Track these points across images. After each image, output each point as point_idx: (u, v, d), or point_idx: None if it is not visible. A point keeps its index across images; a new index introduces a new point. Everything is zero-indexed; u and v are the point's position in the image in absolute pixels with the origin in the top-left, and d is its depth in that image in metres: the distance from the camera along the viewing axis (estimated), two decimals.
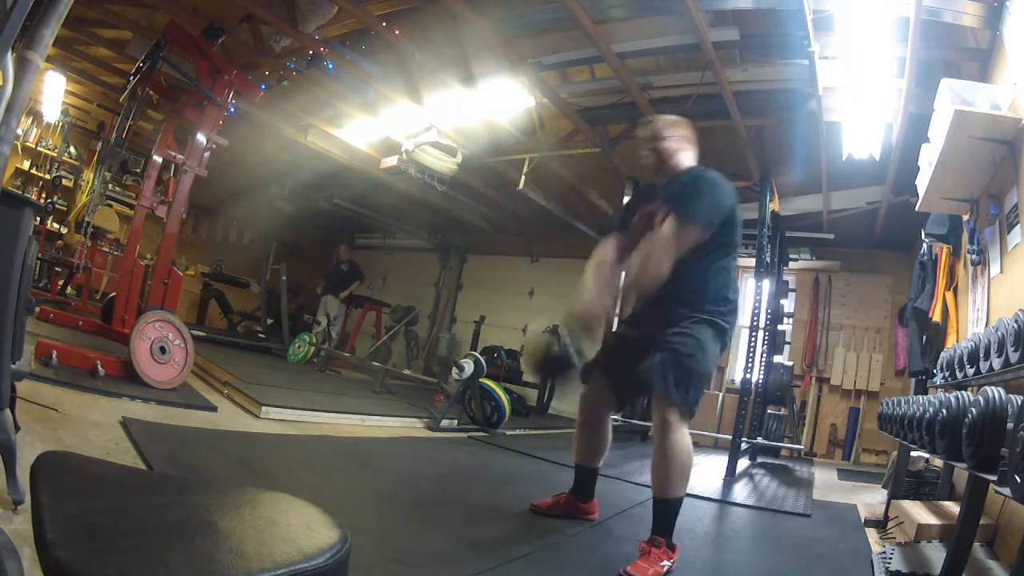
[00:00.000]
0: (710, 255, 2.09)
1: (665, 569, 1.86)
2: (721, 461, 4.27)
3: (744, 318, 4.92)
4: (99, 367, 3.08)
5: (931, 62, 3.50)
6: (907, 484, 3.24)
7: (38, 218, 6.17)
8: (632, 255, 2.22)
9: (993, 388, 1.54)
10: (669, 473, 1.96)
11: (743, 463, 4.72)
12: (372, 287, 9.71)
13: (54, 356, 2.99)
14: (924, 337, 3.84)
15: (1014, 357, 1.81)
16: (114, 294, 4.07)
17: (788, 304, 6.66)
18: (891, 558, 2.22)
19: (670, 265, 2.00)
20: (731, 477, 4.00)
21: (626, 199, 5.53)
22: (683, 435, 1.97)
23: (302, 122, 6.16)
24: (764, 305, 5.10)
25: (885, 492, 3.50)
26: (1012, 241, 2.63)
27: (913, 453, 3.19)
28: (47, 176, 7.86)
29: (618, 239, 2.32)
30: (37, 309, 4.04)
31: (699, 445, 5.62)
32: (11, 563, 0.87)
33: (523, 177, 5.92)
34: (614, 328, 2.41)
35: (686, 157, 2.29)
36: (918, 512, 2.64)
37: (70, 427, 2.20)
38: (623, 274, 2.34)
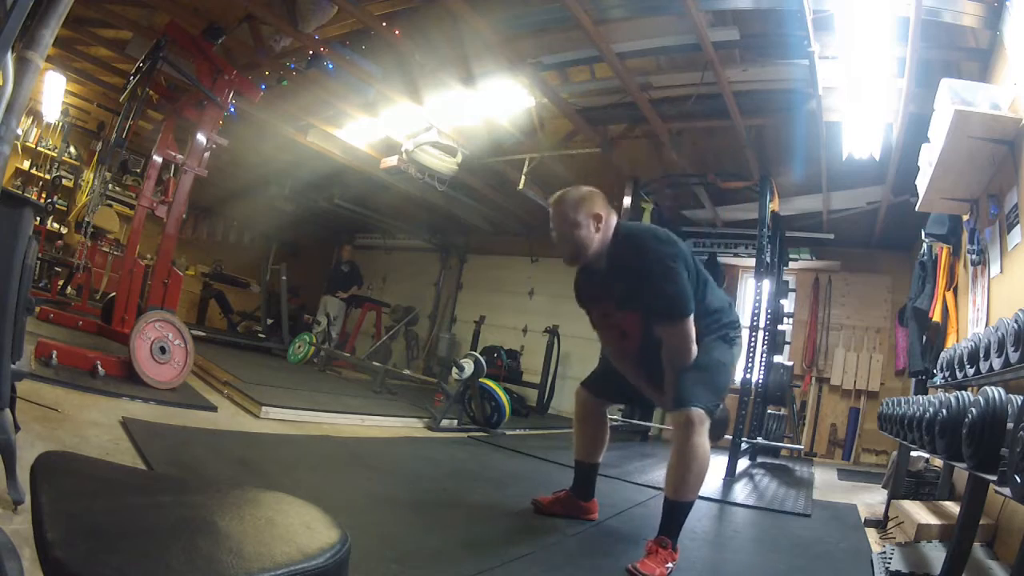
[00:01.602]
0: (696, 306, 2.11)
1: (669, 571, 1.86)
2: (721, 461, 4.25)
3: (744, 318, 4.92)
4: (99, 367, 3.08)
5: (931, 62, 3.50)
6: (907, 484, 3.24)
7: (38, 218, 6.17)
8: (630, 348, 2.24)
9: (993, 388, 1.54)
10: (687, 476, 1.95)
11: (743, 463, 4.71)
12: (372, 287, 9.71)
13: (54, 356, 2.99)
14: (924, 337, 3.84)
15: (1014, 357, 1.81)
16: (114, 294, 4.07)
17: (788, 304, 6.67)
18: (891, 558, 2.22)
19: (694, 349, 2.05)
20: (731, 477, 4.00)
21: (626, 200, 5.54)
22: (705, 439, 1.96)
23: (302, 122, 6.16)
24: (764, 305, 5.10)
25: (885, 492, 3.50)
26: (1012, 241, 2.63)
27: (913, 453, 3.19)
28: (47, 176, 7.86)
29: (595, 317, 2.31)
30: (37, 309, 4.04)
31: None
32: (11, 563, 0.87)
33: (523, 177, 5.92)
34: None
35: (605, 229, 2.11)
36: (918, 512, 2.64)
37: (70, 427, 2.20)
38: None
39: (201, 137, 3.73)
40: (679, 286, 2.00)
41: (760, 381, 5.35)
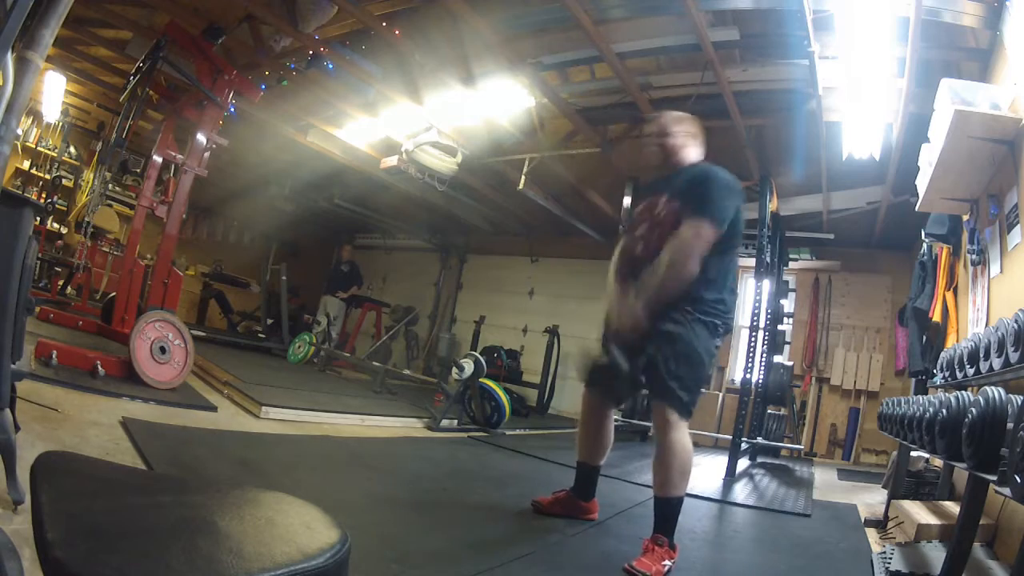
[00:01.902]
0: (713, 254, 2.08)
1: (666, 568, 1.87)
2: (721, 461, 4.27)
3: (744, 318, 4.93)
4: (99, 367, 3.08)
5: (931, 62, 3.50)
6: (907, 484, 3.24)
7: (38, 218, 6.16)
8: (645, 257, 2.18)
9: (993, 388, 1.54)
10: (670, 472, 1.99)
11: (743, 463, 4.72)
12: (372, 287, 9.71)
13: (54, 356, 2.99)
14: (924, 337, 3.84)
15: (1014, 357, 1.81)
16: (114, 294, 4.07)
17: (788, 304, 6.67)
18: (891, 558, 2.22)
19: (697, 267, 2.03)
20: (731, 477, 4.00)
21: (626, 200, 5.53)
22: (683, 434, 2.00)
23: (302, 122, 6.15)
24: (764, 305, 5.10)
25: (885, 492, 3.50)
26: (1012, 241, 2.63)
27: (913, 453, 3.19)
28: (47, 176, 7.86)
29: (626, 240, 2.33)
30: (37, 309, 4.04)
31: (699, 445, 5.61)
32: (11, 563, 0.87)
33: (523, 177, 5.92)
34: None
35: (692, 153, 2.30)
36: (918, 512, 2.64)
37: (70, 427, 2.20)
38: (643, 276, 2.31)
39: (201, 137, 3.73)
40: (726, 203, 2.09)
41: (760, 381, 5.35)
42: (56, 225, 7.83)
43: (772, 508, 3.24)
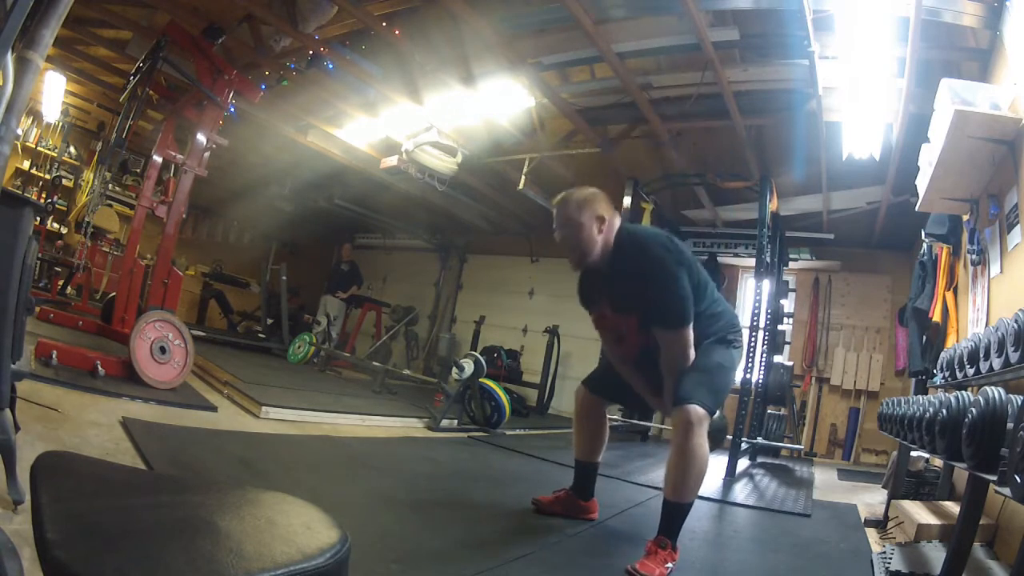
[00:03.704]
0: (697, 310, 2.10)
1: (669, 571, 1.86)
2: (721, 461, 4.26)
3: (744, 318, 4.92)
4: (99, 367, 3.08)
5: (931, 62, 3.50)
6: (907, 484, 3.24)
7: (38, 218, 6.16)
8: (633, 349, 2.23)
9: (993, 388, 1.54)
10: (686, 477, 1.94)
11: (743, 463, 4.71)
12: (372, 287, 9.71)
13: (54, 356, 2.99)
14: (924, 337, 3.84)
15: (1014, 357, 1.81)
16: (114, 294, 4.07)
17: (788, 304, 6.66)
18: (891, 558, 2.22)
19: (693, 350, 2.06)
20: (731, 477, 4.00)
21: (626, 200, 5.52)
22: (704, 439, 1.96)
23: (302, 122, 6.16)
24: (764, 305, 5.09)
25: (885, 492, 3.50)
26: (1012, 241, 2.63)
27: (913, 453, 3.19)
28: (47, 176, 7.86)
29: (595, 319, 2.30)
30: (37, 309, 4.04)
31: None
32: (11, 563, 0.87)
33: (523, 177, 5.92)
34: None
35: (608, 235, 2.11)
36: (918, 512, 2.64)
37: (70, 427, 2.20)
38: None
39: (201, 137, 3.73)
40: (680, 294, 1.99)
41: (760, 381, 5.35)
42: (56, 225, 7.82)
43: (772, 508, 3.23)
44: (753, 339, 4.94)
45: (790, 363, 6.23)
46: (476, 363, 4.45)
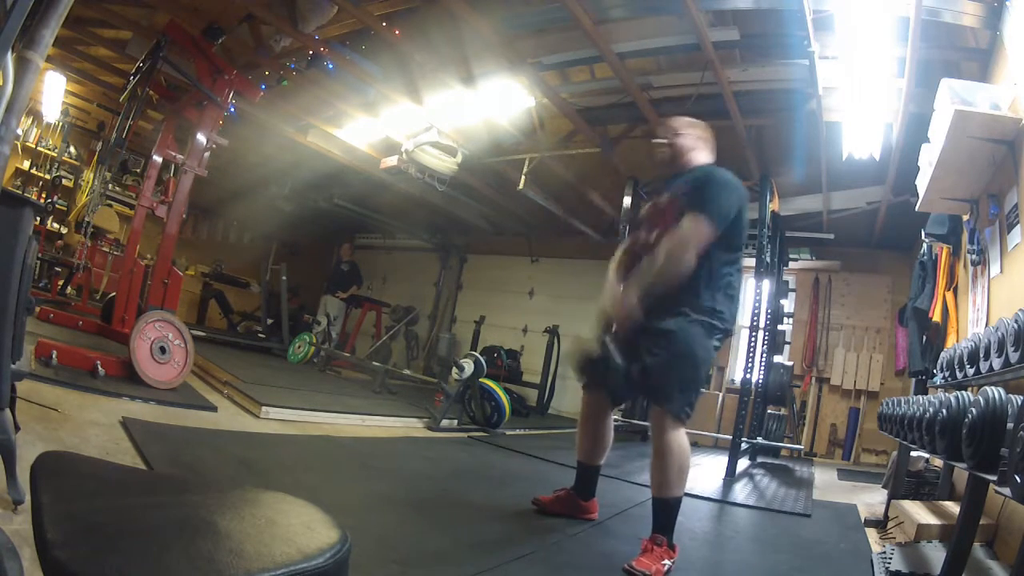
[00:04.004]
0: (715, 255, 2.09)
1: (666, 568, 1.87)
2: (721, 461, 4.27)
3: (744, 318, 4.94)
4: (99, 367, 3.08)
5: (931, 62, 3.50)
6: (907, 484, 3.24)
7: (38, 218, 6.17)
8: (646, 253, 2.20)
9: (993, 388, 1.54)
10: (668, 473, 2.00)
11: (743, 463, 4.71)
12: (372, 287, 9.71)
13: (54, 356, 2.99)
14: (924, 337, 3.84)
15: (1014, 357, 1.81)
16: (114, 294, 4.07)
17: (788, 304, 6.67)
18: (891, 558, 2.22)
19: (693, 260, 2.03)
20: (731, 477, 4.00)
21: (626, 200, 5.53)
22: (680, 435, 2.01)
23: (302, 122, 6.15)
24: (764, 305, 5.10)
25: (885, 492, 3.50)
26: (1012, 241, 2.63)
27: (913, 453, 3.19)
28: (47, 176, 7.86)
29: (630, 239, 2.36)
30: (37, 309, 4.04)
31: (699, 445, 5.62)
32: (11, 563, 0.87)
33: (523, 177, 5.92)
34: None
35: (701, 155, 2.32)
36: (918, 512, 2.64)
37: (70, 427, 2.20)
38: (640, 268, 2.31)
39: (201, 137, 3.73)
40: (726, 202, 2.10)
41: (760, 381, 5.35)
42: (56, 225, 7.82)
43: (772, 508, 3.24)
44: (753, 339, 4.94)
45: (790, 363, 6.23)
46: (476, 363, 4.45)
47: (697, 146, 2.32)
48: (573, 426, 2.45)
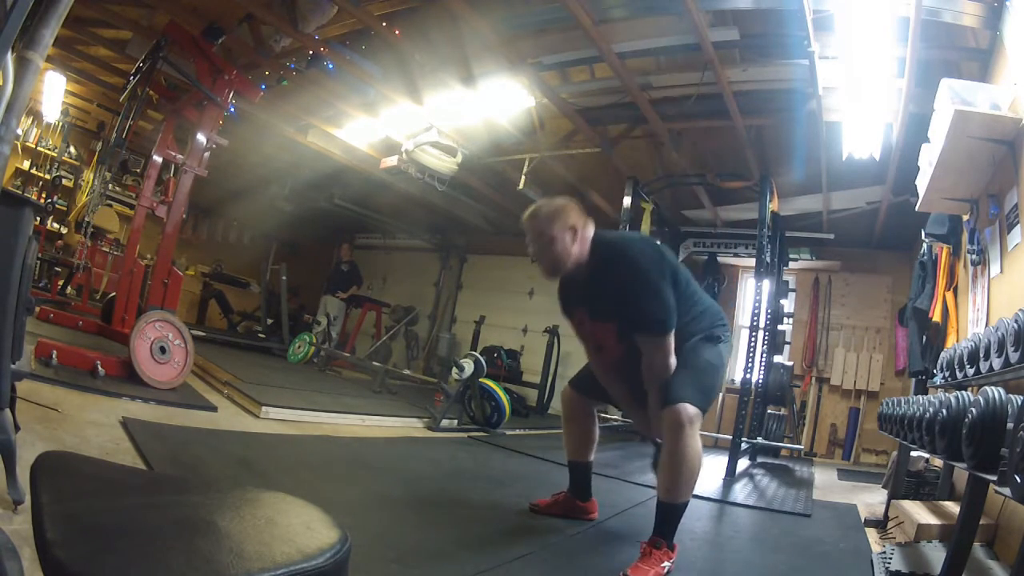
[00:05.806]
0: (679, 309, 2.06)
1: (665, 570, 1.86)
2: (721, 461, 4.26)
3: (744, 318, 4.94)
4: (99, 367, 3.08)
5: (931, 62, 3.50)
6: (907, 484, 3.24)
7: (38, 218, 6.17)
8: (612, 359, 2.23)
9: (993, 388, 1.54)
10: (679, 477, 1.93)
11: (743, 463, 4.71)
12: (372, 287, 9.71)
13: (54, 356, 2.99)
14: (924, 337, 3.84)
15: (1014, 357, 1.80)
16: (114, 294, 4.07)
17: (788, 304, 6.66)
18: (891, 558, 2.22)
19: (674, 358, 2.02)
20: (731, 477, 4.00)
21: (626, 200, 5.52)
22: (696, 439, 1.94)
23: (302, 122, 6.15)
24: (764, 305, 5.10)
25: (885, 492, 3.50)
26: (1012, 241, 2.63)
27: (913, 453, 3.19)
28: (47, 176, 7.86)
29: (575, 325, 2.30)
30: (37, 309, 4.04)
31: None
32: (11, 563, 0.88)
33: (523, 177, 5.92)
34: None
35: (581, 245, 2.05)
36: (918, 512, 2.64)
37: (70, 427, 2.20)
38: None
39: (201, 137, 3.73)
40: (661, 298, 1.96)
41: (760, 381, 5.35)
42: (56, 225, 7.82)
43: (772, 508, 3.24)
44: (753, 339, 4.94)
45: (790, 363, 6.23)
46: (476, 363, 4.45)
47: (572, 237, 2.02)
48: (561, 426, 2.46)
